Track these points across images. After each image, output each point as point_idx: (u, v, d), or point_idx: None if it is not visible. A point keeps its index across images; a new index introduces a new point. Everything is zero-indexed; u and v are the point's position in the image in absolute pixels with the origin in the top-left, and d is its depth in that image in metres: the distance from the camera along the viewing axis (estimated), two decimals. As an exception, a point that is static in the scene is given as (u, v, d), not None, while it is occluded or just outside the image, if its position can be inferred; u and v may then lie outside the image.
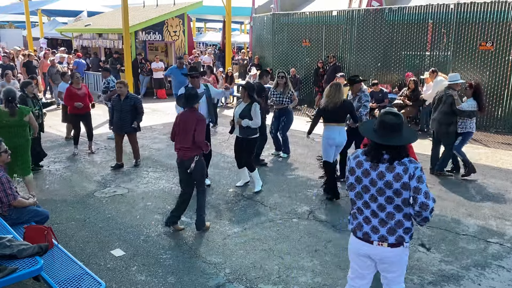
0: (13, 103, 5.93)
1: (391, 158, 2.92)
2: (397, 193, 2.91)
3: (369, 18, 12.91)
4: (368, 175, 2.98)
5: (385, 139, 2.92)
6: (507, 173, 7.73)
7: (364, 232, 3.06)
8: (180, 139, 5.21)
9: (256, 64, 16.00)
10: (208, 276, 4.39)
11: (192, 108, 5.26)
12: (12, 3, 35.16)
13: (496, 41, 10.53)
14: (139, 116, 7.78)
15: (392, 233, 3.00)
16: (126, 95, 7.67)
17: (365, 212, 3.05)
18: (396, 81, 12.47)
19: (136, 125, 7.74)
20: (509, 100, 10.61)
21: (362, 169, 3.01)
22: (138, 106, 7.73)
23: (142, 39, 16.42)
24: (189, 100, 5.22)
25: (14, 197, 4.56)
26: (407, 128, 3.10)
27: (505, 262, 4.68)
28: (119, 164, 7.86)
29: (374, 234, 3.03)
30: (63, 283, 3.65)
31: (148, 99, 15.54)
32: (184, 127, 5.17)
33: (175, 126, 5.29)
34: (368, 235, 3.05)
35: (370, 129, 3.05)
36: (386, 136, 2.93)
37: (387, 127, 2.95)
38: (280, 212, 5.94)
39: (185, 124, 5.17)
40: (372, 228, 3.04)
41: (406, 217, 2.99)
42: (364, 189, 3.02)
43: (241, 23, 35.79)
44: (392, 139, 2.92)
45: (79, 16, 23.52)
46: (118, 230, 5.39)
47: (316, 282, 4.29)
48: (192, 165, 5.12)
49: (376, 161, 2.95)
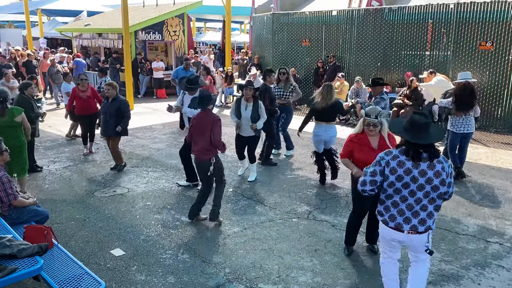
0: (4, 104, 5.91)
1: (430, 157, 3.28)
2: (434, 188, 3.32)
3: (369, 18, 12.91)
4: (410, 173, 3.31)
5: (421, 138, 3.26)
6: (507, 172, 7.73)
7: (397, 223, 3.45)
8: (196, 141, 5.37)
9: (256, 64, 16.00)
10: (208, 276, 4.39)
11: (207, 109, 5.39)
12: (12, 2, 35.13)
13: (496, 41, 10.53)
14: (124, 120, 7.45)
15: (423, 224, 3.40)
16: (114, 97, 7.45)
17: (400, 205, 3.41)
18: (396, 81, 12.47)
19: (120, 129, 7.40)
20: (509, 100, 10.61)
21: (404, 168, 3.32)
22: (123, 109, 7.44)
23: (142, 39, 16.42)
24: (202, 102, 5.36)
25: (15, 197, 4.56)
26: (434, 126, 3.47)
27: (504, 261, 4.69)
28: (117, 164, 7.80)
29: (406, 224, 3.42)
30: (63, 282, 3.65)
31: (148, 99, 15.56)
32: (200, 129, 5.32)
33: (191, 128, 5.46)
34: (400, 225, 3.43)
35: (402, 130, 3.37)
36: (420, 136, 3.27)
37: (420, 127, 3.28)
38: (280, 212, 5.94)
39: (201, 125, 5.32)
40: (404, 219, 3.42)
41: (436, 208, 3.43)
42: (404, 186, 3.34)
43: (241, 23, 35.78)
44: (426, 138, 3.27)
45: (79, 16, 23.50)
46: (118, 230, 5.39)
47: (316, 282, 4.29)
48: (211, 168, 5.31)
49: (418, 160, 3.28)
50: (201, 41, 34.43)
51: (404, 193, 3.36)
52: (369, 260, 4.69)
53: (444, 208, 6.10)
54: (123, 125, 7.46)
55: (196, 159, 5.44)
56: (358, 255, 4.82)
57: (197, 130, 5.35)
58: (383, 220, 3.55)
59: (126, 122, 7.53)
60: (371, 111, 4.38)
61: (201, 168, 5.43)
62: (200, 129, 5.31)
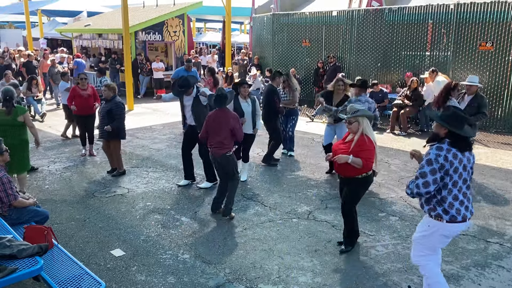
0: (10, 102, 5.95)
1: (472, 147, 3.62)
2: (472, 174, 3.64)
3: (369, 18, 12.91)
4: (461, 163, 3.50)
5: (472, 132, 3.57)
6: (507, 173, 7.73)
7: (463, 214, 3.55)
8: (213, 136, 5.60)
9: (256, 64, 16.01)
10: (208, 276, 4.39)
11: (224, 108, 5.62)
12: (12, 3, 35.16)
13: (496, 41, 10.53)
14: (115, 121, 7.16)
15: (472, 206, 3.66)
16: (109, 99, 7.30)
17: (459, 197, 3.54)
18: (396, 81, 12.47)
19: (108, 128, 7.10)
20: (509, 100, 10.61)
21: (457, 159, 3.48)
22: (114, 112, 7.18)
23: (142, 39, 16.42)
24: (220, 101, 5.58)
25: (15, 197, 4.56)
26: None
27: (505, 262, 4.68)
28: (113, 168, 7.57)
29: (467, 212, 3.59)
30: (63, 283, 3.64)
31: (148, 99, 15.56)
32: (217, 126, 5.55)
33: (207, 125, 5.63)
34: (465, 216, 3.57)
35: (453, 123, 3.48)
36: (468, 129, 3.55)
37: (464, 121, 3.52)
38: (280, 212, 5.94)
39: (219, 123, 5.55)
40: (465, 208, 3.58)
41: None
42: (459, 176, 3.51)
43: (241, 23, 35.78)
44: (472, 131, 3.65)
45: (78, 17, 23.51)
46: (118, 230, 5.39)
47: (316, 282, 4.29)
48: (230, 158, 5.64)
49: (470, 150, 3.56)
50: (201, 42, 34.42)
51: (460, 184, 3.52)
52: (369, 261, 4.69)
53: (444, 208, 6.10)
54: (112, 125, 7.13)
55: (213, 153, 5.65)
56: (358, 255, 4.82)
57: (214, 127, 5.56)
58: (450, 218, 3.53)
59: (117, 124, 7.20)
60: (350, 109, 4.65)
61: (220, 163, 5.65)
62: (217, 126, 5.54)
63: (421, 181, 3.47)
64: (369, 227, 5.51)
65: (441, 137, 3.55)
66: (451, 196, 3.52)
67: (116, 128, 7.22)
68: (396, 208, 6.12)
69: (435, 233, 3.65)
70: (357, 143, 4.54)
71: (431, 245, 3.75)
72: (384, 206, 6.20)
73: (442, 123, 3.51)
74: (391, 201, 6.37)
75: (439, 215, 3.56)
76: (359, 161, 4.48)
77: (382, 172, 7.70)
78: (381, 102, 11.33)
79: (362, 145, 4.54)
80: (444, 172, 3.45)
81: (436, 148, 3.49)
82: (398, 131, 10.79)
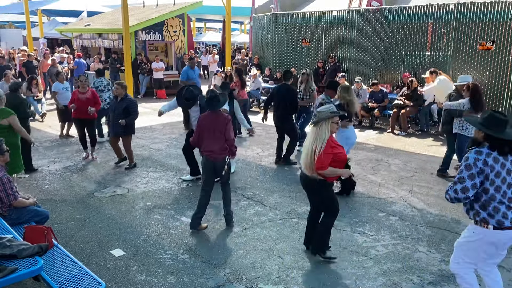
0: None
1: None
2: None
3: (369, 18, 12.90)
4: (504, 167, 3.38)
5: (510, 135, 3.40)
6: (507, 173, 7.72)
7: (511, 219, 3.37)
8: (210, 143, 5.23)
9: (256, 64, 16.00)
10: (208, 276, 4.39)
11: (217, 111, 5.31)
12: (12, 3, 35.12)
13: (496, 41, 10.52)
14: (130, 117, 7.54)
15: None
16: (122, 97, 7.55)
17: (505, 202, 3.38)
18: (396, 81, 12.47)
19: (123, 122, 7.41)
20: (509, 100, 10.60)
21: (499, 163, 3.36)
22: (131, 109, 7.55)
23: (142, 39, 16.42)
24: (211, 103, 5.27)
25: (15, 197, 4.56)
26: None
27: (505, 262, 4.67)
28: (121, 159, 7.96)
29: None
30: (63, 283, 3.65)
31: (148, 99, 15.56)
32: (213, 130, 5.21)
33: (201, 130, 5.28)
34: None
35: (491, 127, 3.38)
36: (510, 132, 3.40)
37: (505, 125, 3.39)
38: (280, 212, 5.94)
39: (210, 126, 5.23)
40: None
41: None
42: (502, 180, 3.37)
43: (241, 23, 35.78)
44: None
45: (81, 17, 23.51)
46: (118, 230, 5.39)
47: (316, 282, 4.28)
48: (226, 167, 5.27)
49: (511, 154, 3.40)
50: (201, 41, 34.43)
51: (504, 189, 3.38)
52: (369, 261, 4.69)
53: (444, 208, 6.10)
54: (128, 120, 7.49)
55: (210, 159, 5.25)
56: (357, 255, 4.82)
57: (207, 130, 5.24)
58: (496, 223, 3.38)
59: (132, 119, 7.60)
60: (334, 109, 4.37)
61: (214, 169, 5.29)
62: (210, 129, 5.22)
63: (460, 187, 3.38)
64: (369, 227, 5.52)
65: (480, 141, 3.47)
66: (495, 201, 3.39)
67: (129, 124, 7.55)
68: (396, 208, 6.12)
69: (481, 240, 3.49)
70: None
71: (474, 254, 3.58)
72: (384, 206, 6.20)
73: (480, 127, 3.44)
74: (391, 201, 6.37)
75: (484, 220, 3.42)
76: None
77: (382, 172, 7.69)
78: (381, 102, 11.32)
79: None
80: (484, 176, 3.35)
81: (475, 152, 3.40)
82: (398, 131, 10.79)
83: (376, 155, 8.80)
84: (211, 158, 5.25)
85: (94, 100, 8.23)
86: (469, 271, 3.63)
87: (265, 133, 10.66)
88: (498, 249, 3.50)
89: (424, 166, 8.01)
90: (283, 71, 8.67)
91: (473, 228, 3.52)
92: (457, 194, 3.40)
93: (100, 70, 10.28)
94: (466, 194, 3.37)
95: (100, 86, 9.62)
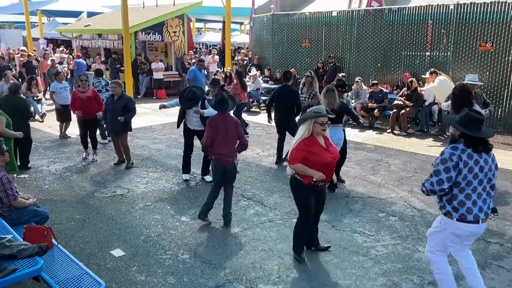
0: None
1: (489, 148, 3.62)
2: (494, 175, 3.67)
3: (369, 19, 12.91)
4: (478, 164, 3.55)
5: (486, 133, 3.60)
6: (507, 173, 7.74)
7: (474, 214, 3.59)
8: (221, 146, 5.35)
9: (255, 65, 16.00)
10: (208, 276, 4.38)
11: (226, 114, 5.46)
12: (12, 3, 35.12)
13: (495, 41, 10.53)
14: (129, 114, 7.67)
15: (489, 209, 3.67)
16: (120, 95, 7.64)
17: (472, 197, 3.58)
18: (396, 82, 12.47)
19: (122, 119, 7.51)
20: (509, 100, 10.61)
21: (473, 160, 3.54)
22: (130, 106, 7.68)
23: (142, 40, 16.42)
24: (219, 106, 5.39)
25: (15, 198, 4.55)
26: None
27: (505, 262, 4.68)
28: (121, 160, 8.03)
29: (480, 212, 3.61)
30: (63, 283, 3.64)
31: (148, 99, 15.56)
32: (226, 133, 5.34)
33: (214, 134, 5.33)
34: (477, 216, 3.60)
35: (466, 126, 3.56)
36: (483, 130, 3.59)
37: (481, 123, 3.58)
38: (280, 213, 5.94)
39: (227, 129, 5.36)
40: (479, 208, 3.60)
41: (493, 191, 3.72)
42: (474, 176, 3.55)
43: (241, 24, 35.77)
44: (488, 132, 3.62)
45: (80, 17, 23.52)
46: (118, 230, 5.39)
47: (316, 282, 4.28)
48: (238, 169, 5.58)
49: (487, 151, 3.59)
50: (201, 42, 34.43)
51: (474, 184, 3.56)
52: (369, 261, 4.69)
53: (444, 208, 6.10)
54: (126, 117, 7.61)
55: (223, 162, 5.36)
56: (357, 256, 4.82)
57: (220, 133, 5.33)
58: (460, 216, 3.61)
59: (130, 116, 7.72)
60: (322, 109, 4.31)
61: (229, 171, 5.42)
62: (223, 132, 5.33)
63: (436, 179, 3.56)
64: (369, 227, 5.52)
65: (457, 138, 3.68)
66: (463, 195, 3.58)
67: (127, 121, 7.66)
68: (396, 208, 6.12)
69: (445, 230, 3.73)
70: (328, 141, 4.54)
71: (442, 243, 3.81)
72: (384, 206, 6.20)
73: (456, 126, 3.62)
74: (391, 201, 6.37)
75: (449, 213, 3.65)
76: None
77: (382, 172, 7.70)
78: (381, 102, 11.32)
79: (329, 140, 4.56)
80: (458, 171, 3.53)
81: (451, 147, 3.60)
82: (398, 131, 10.80)
83: (376, 155, 8.80)
84: (221, 161, 5.37)
85: (95, 98, 8.22)
86: (442, 258, 3.85)
87: (265, 133, 10.67)
88: (462, 240, 3.74)
89: (424, 166, 8.01)
90: (283, 72, 8.61)
91: (441, 219, 3.78)
92: (432, 187, 3.58)
93: (99, 70, 10.24)
94: (441, 187, 3.56)
95: (98, 86, 9.61)
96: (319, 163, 4.28)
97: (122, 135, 7.83)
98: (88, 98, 8.12)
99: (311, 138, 4.32)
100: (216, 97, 5.56)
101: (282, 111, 7.98)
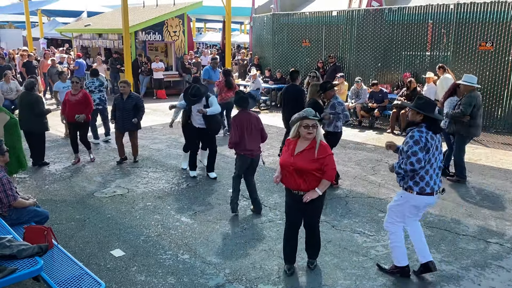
0: None
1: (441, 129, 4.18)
2: (441, 152, 4.14)
3: (369, 18, 12.91)
4: (435, 143, 4.04)
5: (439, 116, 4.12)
6: (506, 173, 7.73)
7: (431, 187, 4.07)
8: (249, 142, 5.68)
9: (256, 65, 16.00)
10: (208, 276, 4.39)
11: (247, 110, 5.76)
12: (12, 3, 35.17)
13: (496, 41, 10.53)
14: (140, 113, 7.89)
15: (441, 182, 4.17)
16: (129, 94, 7.83)
17: (430, 171, 4.06)
18: (396, 82, 12.47)
19: (136, 121, 7.82)
20: (509, 100, 10.61)
21: (434, 140, 4.02)
22: (140, 105, 7.87)
23: (142, 39, 16.42)
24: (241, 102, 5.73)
25: (15, 198, 4.55)
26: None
27: (505, 262, 4.68)
28: (122, 158, 8.12)
29: (435, 185, 4.10)
30: (63, 283, 3.64)
31: (148, 99, 15.54)
32: (251, 128, 5.70)
33: (241, 131, 5.63)
34: (433, 189, 4.08)
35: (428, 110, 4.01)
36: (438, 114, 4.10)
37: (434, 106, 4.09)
38: (280, 213, 5.94)
39: (253, 125, 5.71)
40: (434, 182, 4.09)
41: None
42: (433, 154, 4.02)
43: (241, 23, 35.79)
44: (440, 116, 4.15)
45: (79, 17, 23.53)
46: (118, 230, 5.39)
47: (316, 282, 4.28)
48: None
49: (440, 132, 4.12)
50: (201, 42, 34.44)
51: (432, 161, 4.03)
52: (369, 261, 4.69)
53: (444, 208, 6.10)
54: (138, 117, 7.84)
55: (250, 157, 5.73)
56: (357, 256, 4.82)
57: (246, 130, 5.65)
58: (419, 189, 4.06)
59: (141, 115, 7.93)
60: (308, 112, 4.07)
61: (251, 164, 5.82)
62: (248, 128, 5.66)
63: (414, 159, 3.94)
64: (369, 227, 5.52)
65: (417, 123, 4.07)
66: (423, 171, 4.04)
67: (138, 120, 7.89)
68: (396, 208, 6.11)
69: (406, 203, 4.19)
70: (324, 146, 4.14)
71: (402, 214, 4.27)
72: (384, 206, 6.18)
73: (419, 111, 4.01)
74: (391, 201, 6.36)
75: (410, 187, 4.11)
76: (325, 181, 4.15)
77: (382, 172, 7.69)
78: (381, 102, 11.32)
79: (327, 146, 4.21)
80: (426, 150, 3.96)
81: (418, 130, 4.02)
82: (398, 131, 10.79)
83: (376, 155, 8.80)
84: (251, 156, 5.74)
85: (85, 102, 7.94)
86: (399, 229, 4.31)
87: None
88: (419, 210, 4.26)
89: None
90: (290, 72, 8.55)
91: (401, 193, 4.22)
92: (413, 166, 3.94)
93: (95, 70, 10.06)
94: (420, 165, 3.95)
95: (91, 87, 9.43)
96: (280, 163, 4.25)
97: (133, 133, 8.05)
98: (76, 101, 7.88)
99: (293, 140, 4.20)
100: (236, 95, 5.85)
101: (289, 111, 8.01)
